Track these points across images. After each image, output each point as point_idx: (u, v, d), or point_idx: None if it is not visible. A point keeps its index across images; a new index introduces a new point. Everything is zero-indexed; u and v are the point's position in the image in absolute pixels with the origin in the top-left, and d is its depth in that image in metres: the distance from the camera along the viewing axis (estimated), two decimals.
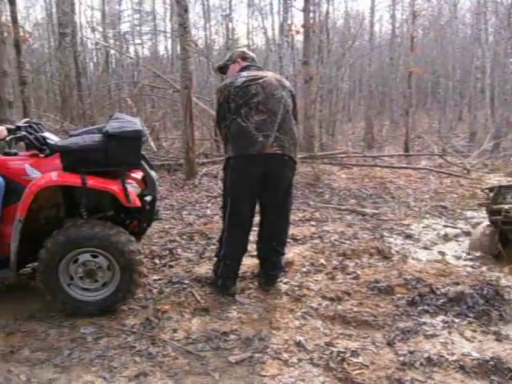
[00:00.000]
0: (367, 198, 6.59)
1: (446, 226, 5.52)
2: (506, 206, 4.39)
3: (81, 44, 15.28)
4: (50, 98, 15.52)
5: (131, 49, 26.69)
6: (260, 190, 3.36)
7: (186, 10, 7.12)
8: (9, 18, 8.19)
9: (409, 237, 5.00)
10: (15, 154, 3.26)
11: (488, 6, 23.05)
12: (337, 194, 6.77)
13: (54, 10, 16.18)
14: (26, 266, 3.48)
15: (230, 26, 21.75)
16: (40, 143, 3.21)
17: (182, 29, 7.11)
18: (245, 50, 3.80)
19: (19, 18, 9.51)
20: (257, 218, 3.60)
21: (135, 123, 3.17)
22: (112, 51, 17.51)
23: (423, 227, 5.43)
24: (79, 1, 18.22)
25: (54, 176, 3.01)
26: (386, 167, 8.62)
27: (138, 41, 28.29)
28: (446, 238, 5.10)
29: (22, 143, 3.40)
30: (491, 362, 2.64)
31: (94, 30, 23.11)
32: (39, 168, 3.12)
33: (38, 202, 3.06)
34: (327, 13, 18.80)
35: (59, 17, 11.10)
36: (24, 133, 3.20)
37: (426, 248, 4.75)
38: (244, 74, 3.46)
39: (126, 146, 3.03)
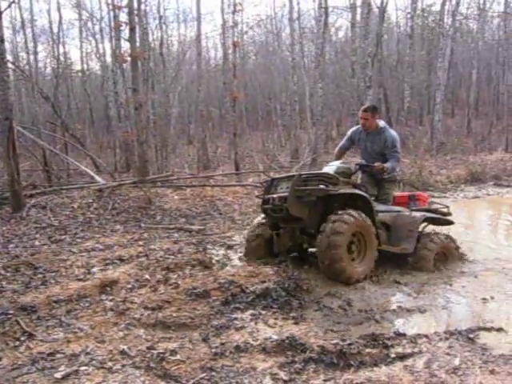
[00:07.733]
0: (196, 216, 7.04)
1: None
2: (275, 196, 4.50)
3: None
4: None
5: None
6: None
7: (2, 41, 6.95)
8: None
9: (230, 247, 5.51)
10: None
11: (305, 36, 25.71)
12: (168, 214, 7.11)
13: None
14: None
15: (62, 50, 21.06)
16: None
17: (0, 59, 6.91)
18: None
19: None
20: None
21: None
22: None
23: (244, 238, 5.99)
24: None
25: None
26: (215, 186, 9.20)
27: None
28: None
29: None
30: (287, 341, 3.22)
31: None
32: None
33: None
34: (161, 40, 19.33)
35: None
36: None
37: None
38: None
39: None
